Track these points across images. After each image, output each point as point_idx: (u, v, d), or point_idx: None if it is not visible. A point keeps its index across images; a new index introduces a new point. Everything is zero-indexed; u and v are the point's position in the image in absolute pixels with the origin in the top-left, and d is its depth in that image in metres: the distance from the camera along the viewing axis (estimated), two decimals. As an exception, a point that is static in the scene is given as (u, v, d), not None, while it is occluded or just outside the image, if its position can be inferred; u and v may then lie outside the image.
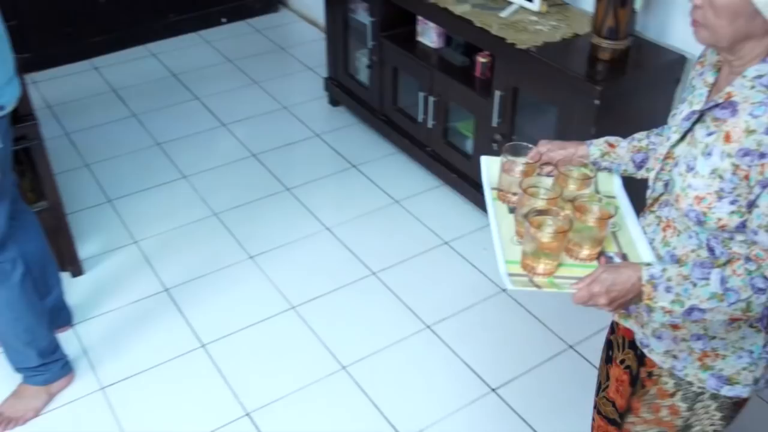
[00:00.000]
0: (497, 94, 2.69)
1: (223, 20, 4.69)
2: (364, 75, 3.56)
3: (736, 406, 1.48)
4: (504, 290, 2.69)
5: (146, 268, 2.81)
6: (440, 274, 2.80)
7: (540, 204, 1.42)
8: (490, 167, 1.65)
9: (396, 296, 2.68)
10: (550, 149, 1.60)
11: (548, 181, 1.53)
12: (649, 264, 1.32)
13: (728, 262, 1.29)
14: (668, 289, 1.28)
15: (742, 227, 1.26)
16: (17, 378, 2.30)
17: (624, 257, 1.43)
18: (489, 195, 1.58)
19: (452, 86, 2.97)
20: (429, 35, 3.15)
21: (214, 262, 2.83)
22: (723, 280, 1.25)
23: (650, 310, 1.33)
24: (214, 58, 4.33)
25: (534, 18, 2.70)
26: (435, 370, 2.41)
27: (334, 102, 3.84)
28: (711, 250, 1.32)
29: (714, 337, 1.40)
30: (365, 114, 3.57)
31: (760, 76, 1.24)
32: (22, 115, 2.30)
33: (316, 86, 3.97)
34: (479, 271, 2.80)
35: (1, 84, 1.94)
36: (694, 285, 1.26)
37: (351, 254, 2.88)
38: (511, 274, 1.38)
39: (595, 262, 1.42)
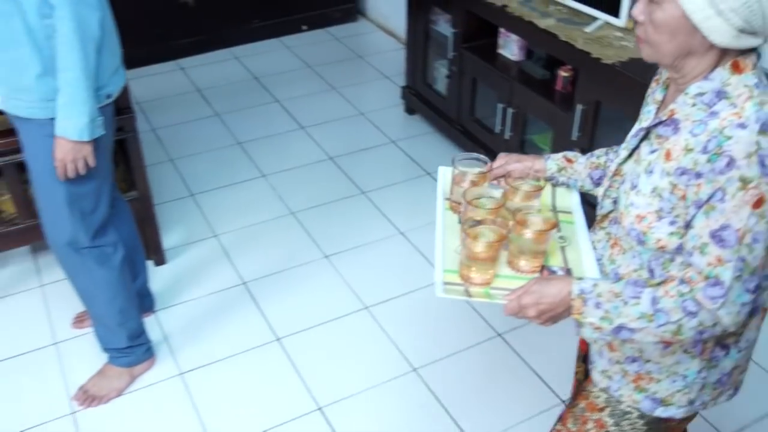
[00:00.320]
0: (579, 107, 2.65)
1: (304, 27, 4.76)
2: (441, 85, 3.56)
3: (662, 422, 1.43)
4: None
5: (225, 262, 2.86)
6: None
7: (480, 214, 1.40)
8: (445, 177, 1.64)
9: (468, 302, 2.66)
10: (507, 161, 1.58)
11: (498, 193, 1.50)
12: (581, 278, 1.28)
13: (662, 282, 1.24)
14: (598, 305, 1.23)
15: (681, 249, 1.21)
16: (99, 359, 2.36)
17: (568, 272, 1.40)
18: (440, 204, 1.56)
19: (532, 99, 2.95)
20: (510, 48, 3.13)
21: (291, 259, 2.86)
22: (654, 301, 1.19)
23: (579, 325, 1.26)
24: (294, 63, 4.39)
25: (619, 34, 2.66)
26: (504, 378, 2.39)
27: (410, 110, 3.85)
28: (651, 271, 1.27)
29: (649, 361, 1.35)
30: (441, 123, 3.57)
31: (701, 94, 1.18)
32: (121, 107, 2.36)
33: (393, 94, 3.99)
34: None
35: (109, 73, 2.00)
36: (625, 303, 1.21)
37: (424, 259, 2.87)
38: (446, 283, 1.38)
39: (537, 275, 1.38)
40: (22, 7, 1.77)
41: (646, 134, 1.29)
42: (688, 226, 1.18)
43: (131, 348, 2.33)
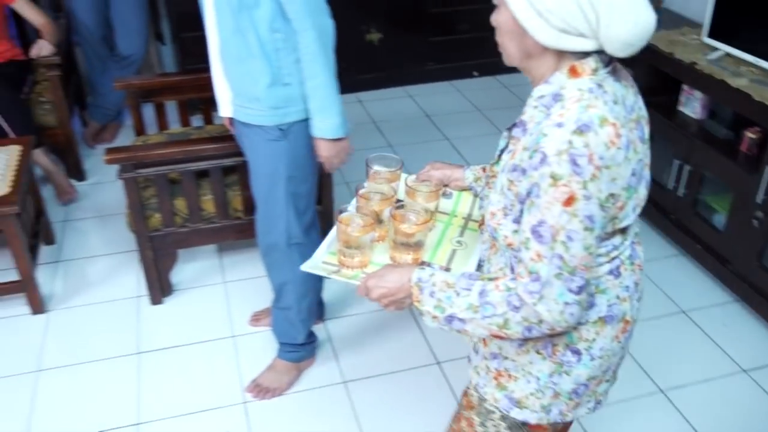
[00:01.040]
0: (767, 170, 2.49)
1: (475, 74, 4.80)
2: (612, 137, 3.46)
3: (527, 428, 1.37)
4: (743, 370, 2.46)
5: (391, 282, 2.87)
6: (676, 341, 2.61)
7: (372, 206, 1.49)
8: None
9: (630, 355, 2.53)
10: (431, 168, 1.62)
11: (388, 189, 1.58)
12: (423, 268, 1.28)
13: (496, 277, 1.22)
14: (432, 294, 1.23)
15: None
16: (271, 356, 2.42)
17: (447, 270, 1.39)
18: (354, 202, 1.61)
19: (712, 158, 2.79)
20: (692, 105, 2.99)
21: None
22: (483, 293, 1.19)
23: (420, 313, 1.26)
24: (465, 105, 4.42)
25: (818, 100, 2.48)
26: (666, 435, 2.24)
27: (575, 160, 3.76)
28: (512, 269, 1.22)
29: (507, 358, 1.32)
30: (608, 175, 3.46)
31: (542, 96, 1.16)
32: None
33: (558, 143, 3.93)
34: (718, 346, 2.58)
35: None
36: (457, 294, 1.21)
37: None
38: (324, 262, 1.47)
39: None
40: (255, 23, 1.86)
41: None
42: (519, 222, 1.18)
43: (304, 345, 2.39)
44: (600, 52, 1.13)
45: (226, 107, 2.12)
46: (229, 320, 2.69)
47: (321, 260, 1.47)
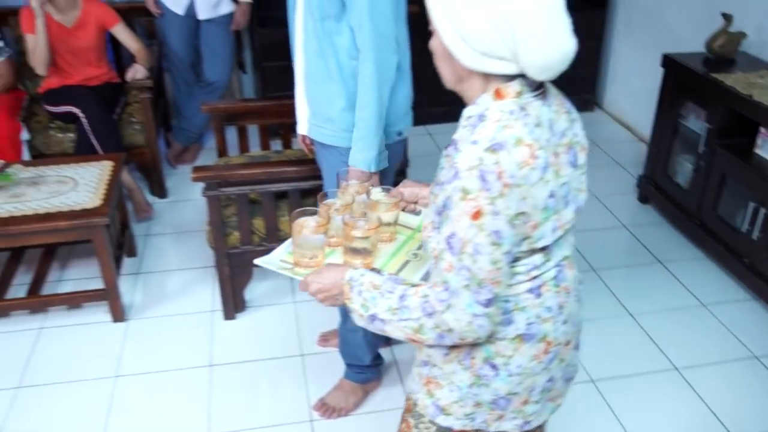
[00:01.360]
0: None
1: (543, 111, 4.76)
2: (683, 178, 3.37)
3: None
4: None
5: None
6: (748, 387, 2.50)
7: (331, 212, 1.56)
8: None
9: (698, 396, 2.43)
10: (403, 186, 1.63)
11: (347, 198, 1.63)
12: (357, 269, 1.31)
13: (419, 284, 1.25)
14: (360, 293, 1.27)
15: None
16: (337, 376, 2.42)
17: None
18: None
19: (790, 202, 2.70)
20: (769, 149, 2.91)
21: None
22: (403, 297, 1.22)
23: (349, 311, 1.30)
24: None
25: None
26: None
27: (643, 199, 3.68)
28: None
29: (435, 366, 1.33)
30: (677, 215, 3.37)
31: (469, 117, 1.18)
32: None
33: (626, 182, 3.87)
34: (792, 394, 2.46)
35: (401, 113, 2.10)
36: (381, 295, 1.24)
37: (653, 344, 2.68)
38: (282, 260, 1.52)
39: None
40: (336, 48, 1.92)
41: None
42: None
43: (370, 367, 2.38)
44: (525, 76, 1.15)
45: (303, 125, 2.16)
46: (298, 339, 2.70)
47: (279, 258, 1.54)
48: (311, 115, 2.09)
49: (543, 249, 1.22)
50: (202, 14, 3.73)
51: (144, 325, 2.78)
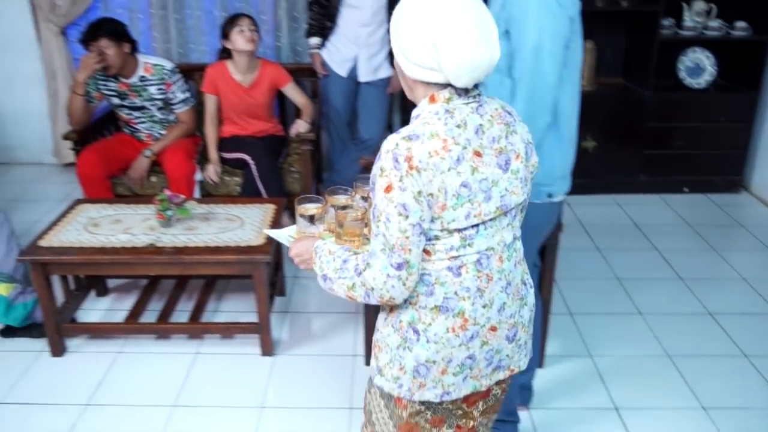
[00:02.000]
0: None
1: (685, 190, 4.52)
2: None
3: (393, 401, 1.49)
4: None
5: (597, 382, 2.66)
6: None
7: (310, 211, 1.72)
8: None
9: None
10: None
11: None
12: (325, 240, 1.52)
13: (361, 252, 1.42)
14: (320, 257, 1.45)
15: None
16: None
17: None
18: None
19: None
20: None
21: (663, 399, 2.57)
22: (345, 261, 1.40)
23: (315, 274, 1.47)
24: (674, 219, 4.16)
25: None
26: None
27: (798, 286, 3.37)
28: None
29: (378, 330, 1.49)
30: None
31: (415, 117, 1.37)
32: (554, 218, 2.38)
33: (777, 267, 3.56)
34: None
35: (555, 175, 2.03)
36: (333, 260, 1.42)
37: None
38: (290, 236, 1.72)
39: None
40: (500, 98, 1.90)
41: None
42: None
43: (505, 422, 2.27)
44: (456, 87, 1.33)
45: None
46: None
47: (288, 234, 1.73)
48: None
49: (461, 233, 1.35)
50: (363, 77, 3.85)
51: (289, 362, 2.79)
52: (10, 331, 2.89)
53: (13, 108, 4.83)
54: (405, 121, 4.42)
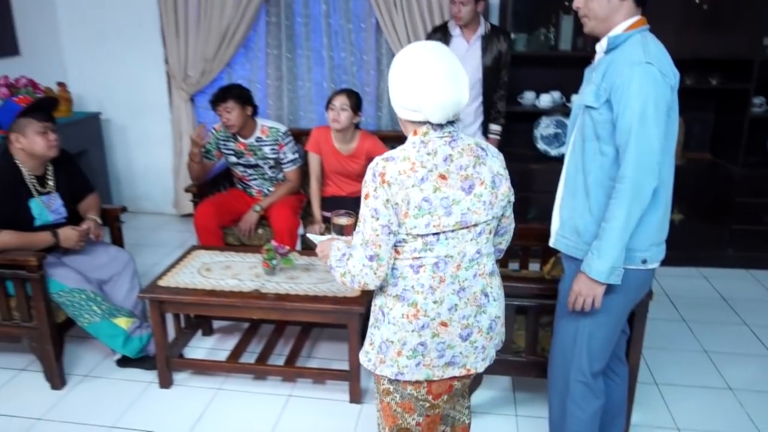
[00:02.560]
0: None
1: (776, 266, 4.24)
2: None
3: (375, 379, 1.77)
4: None
5: (685, 456, 2.48)
6: None
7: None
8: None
9: None
10: None
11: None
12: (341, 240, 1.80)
13: None
14: (332, 252, 1.72)
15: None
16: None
17: None
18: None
19: None
20: None
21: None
22: (344, 254, 1.68)
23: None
24: (763, 295, 3.88)
25: None
26: None
27: None
28: None
29: (370, 317, 1.76)
30: None
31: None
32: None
33: None
34: None
35: (650, 242, 1.94)
36: (338, 253, 1.69)
37: None
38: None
39: None
40: (597, 166, 1.88)
41: None
42: None
43: None
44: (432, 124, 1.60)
45: (552, 236, 2.09)
46: (518, 452, 2.51)
47: (324, 239, 1.88)
48: (560, 226, 2.03)
49: (423, 239, 1.59)
50: (457, 145, 3.87)
51: (375, 411, 2.75)
52: (125, 361, 3.01)
53: (145, 164, 5.16)
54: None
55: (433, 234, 1.59)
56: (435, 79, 1.55)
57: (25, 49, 4.57)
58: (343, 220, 1.92)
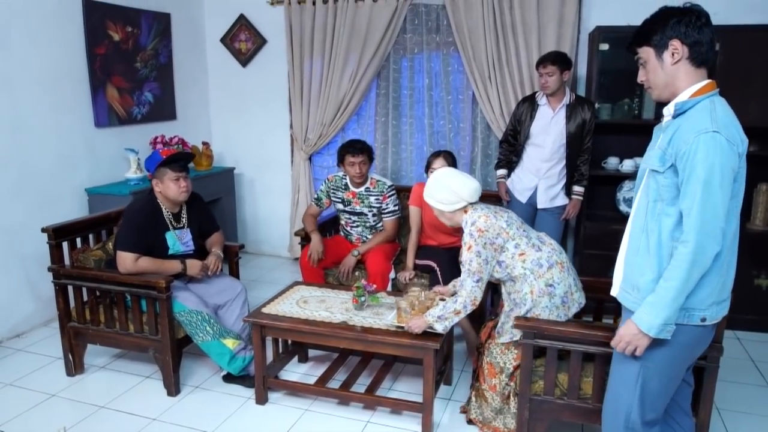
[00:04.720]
0: None
1: None
2: None
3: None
4: None
5: None
6: None
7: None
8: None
9: None
10: (435, 290, 2.92)
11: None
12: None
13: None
14: (430, 316, 2.53)
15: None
16: None
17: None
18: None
19: None
20: None
21: None
22: (445, 305, 2.55)
23: (433, 328, 2.56)
24: None
25: None
26: None
27: None
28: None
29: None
30: None
31: (464, 221, 2.60)
32: (715, 340, 2.08)
33: None
34: None
35: (710, 301, 1.79)
36: (438, 310, 2.54)
37: None
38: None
39: None
40: (661, 227, 1.77)
41: None
42: None
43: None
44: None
45: (615, 288, 1.98)
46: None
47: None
48: (623, 280, 1.92)
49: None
50: (541, 204, 3.79)
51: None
52: (229, 377, 3.11)
53: (266, 212, 5.45)
54: (580, 246, 4.23)
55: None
56: (460, 180, 2.56)
57: (180, 114, 5.04)
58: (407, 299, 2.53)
